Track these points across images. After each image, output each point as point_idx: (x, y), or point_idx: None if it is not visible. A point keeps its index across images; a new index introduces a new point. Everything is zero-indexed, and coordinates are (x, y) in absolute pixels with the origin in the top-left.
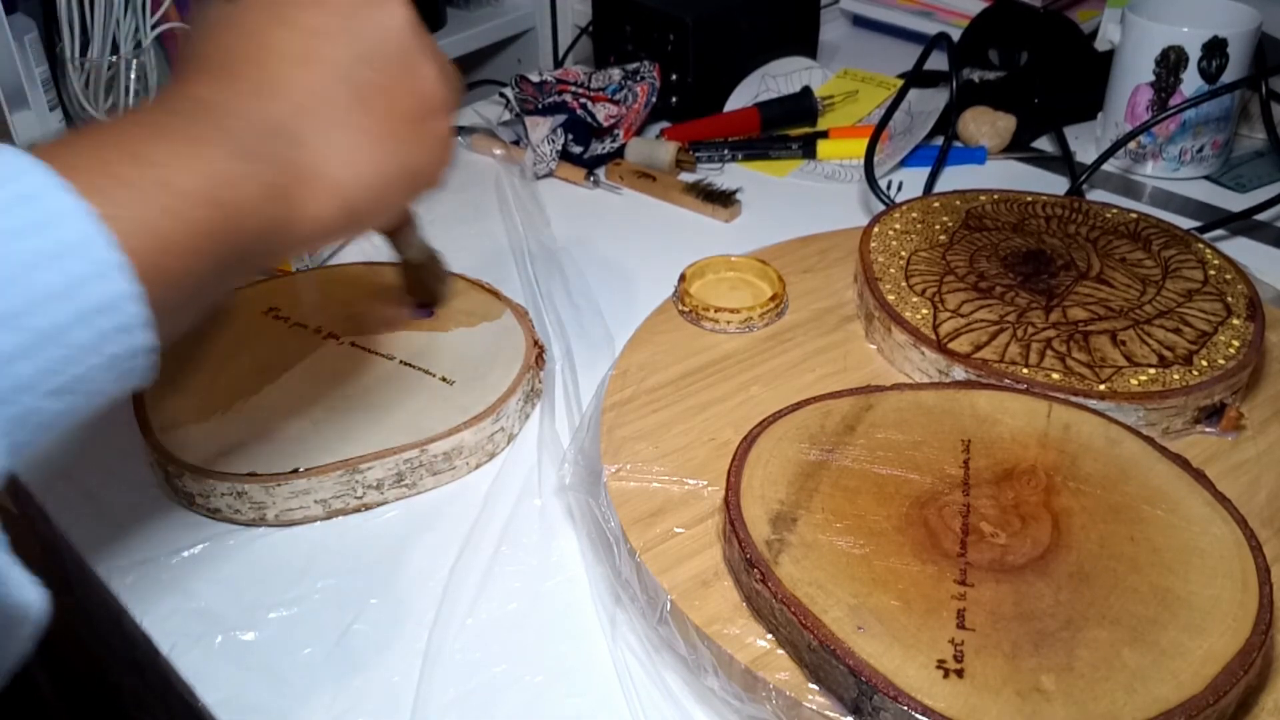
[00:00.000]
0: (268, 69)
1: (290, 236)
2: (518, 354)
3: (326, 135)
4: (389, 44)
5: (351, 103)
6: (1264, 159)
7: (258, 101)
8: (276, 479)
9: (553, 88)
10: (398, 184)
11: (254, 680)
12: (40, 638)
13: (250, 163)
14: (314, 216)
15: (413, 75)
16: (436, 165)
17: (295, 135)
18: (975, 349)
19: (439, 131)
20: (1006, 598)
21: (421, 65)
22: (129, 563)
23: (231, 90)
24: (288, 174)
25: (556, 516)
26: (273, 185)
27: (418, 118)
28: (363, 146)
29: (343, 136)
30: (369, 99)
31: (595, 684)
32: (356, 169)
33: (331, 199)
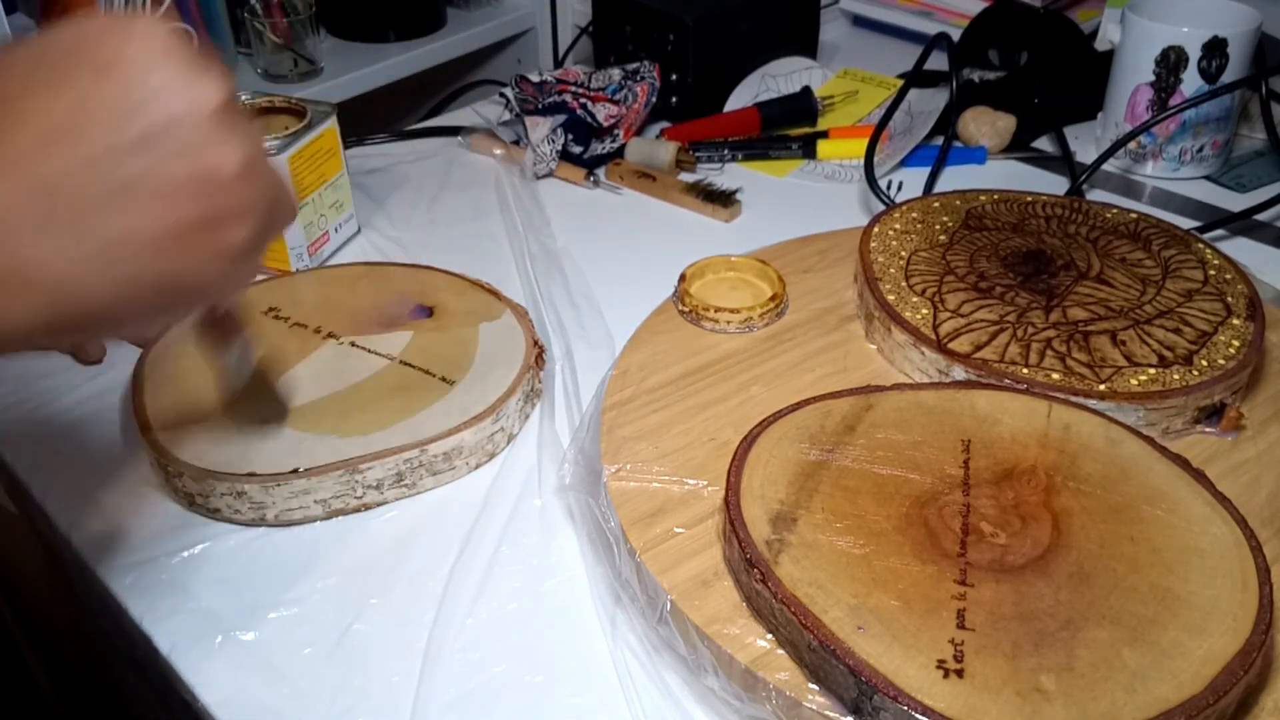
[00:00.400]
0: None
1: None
2: (518, 354)
3: (55, 232)
4: (182, 133)
5: (106, 197)
6: (1264, 159)
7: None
8: (276, 479)
9: (553, 88)
10: (145, 300)
11: (254, 680)
12: (30, 635)
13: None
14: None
15: (204, 173)
16: (215, 284)
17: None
18: (975, 349)
19: (226, 244)
20: (1006, 598)
21: (221, 162)
22: (129, 563)
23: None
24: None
25: (556, 516)
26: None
27: (200, 225)
28: (101, 251)
29: (77, 236)
30: (132, 196)
31: (595, 684)
32: (89, 277)
33: (38, 307)
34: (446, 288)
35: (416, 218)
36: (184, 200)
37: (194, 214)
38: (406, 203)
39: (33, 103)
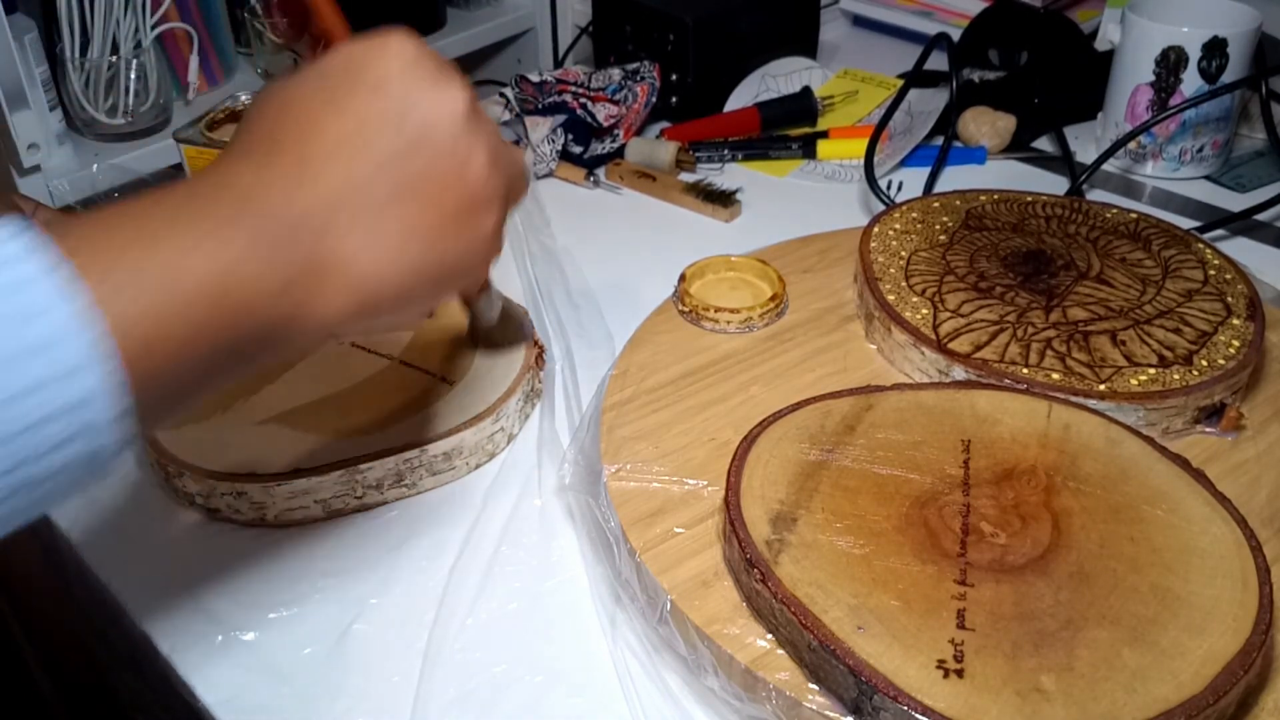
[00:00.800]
0: (308, 154)
1: (297, 333)
2: (518, 354)
3: (357, 229)
4: (442, 135)
5: (391, 196)
6: (1264, 159)
7: (290, 189)
8: (276, 479)
9: (553, 88)
10: (429, 282)
11: (254, 680)
12: (29, 635)
13: (267, 258)
14: (326, 314)
15: (463, 168)
16: (477, 262)
17: (323, 227)
18: (975, 349)
19: (484, 227)
20: (1006, 598)
21: (474, 157)
22: (128, 563)
23: (267, 174)
24: (306, 269)
25: (556, 516)
26: (287, 281)
27: (462, 213)
28: (395, 243)
29: (374, 231)
30: (411, 193)
31: (595, 684)
32: (383, 266)
33: (349, 296)
34: None
35: None
36: (450, 193)
37: (460, 202)
38: None
39: (323, 120)
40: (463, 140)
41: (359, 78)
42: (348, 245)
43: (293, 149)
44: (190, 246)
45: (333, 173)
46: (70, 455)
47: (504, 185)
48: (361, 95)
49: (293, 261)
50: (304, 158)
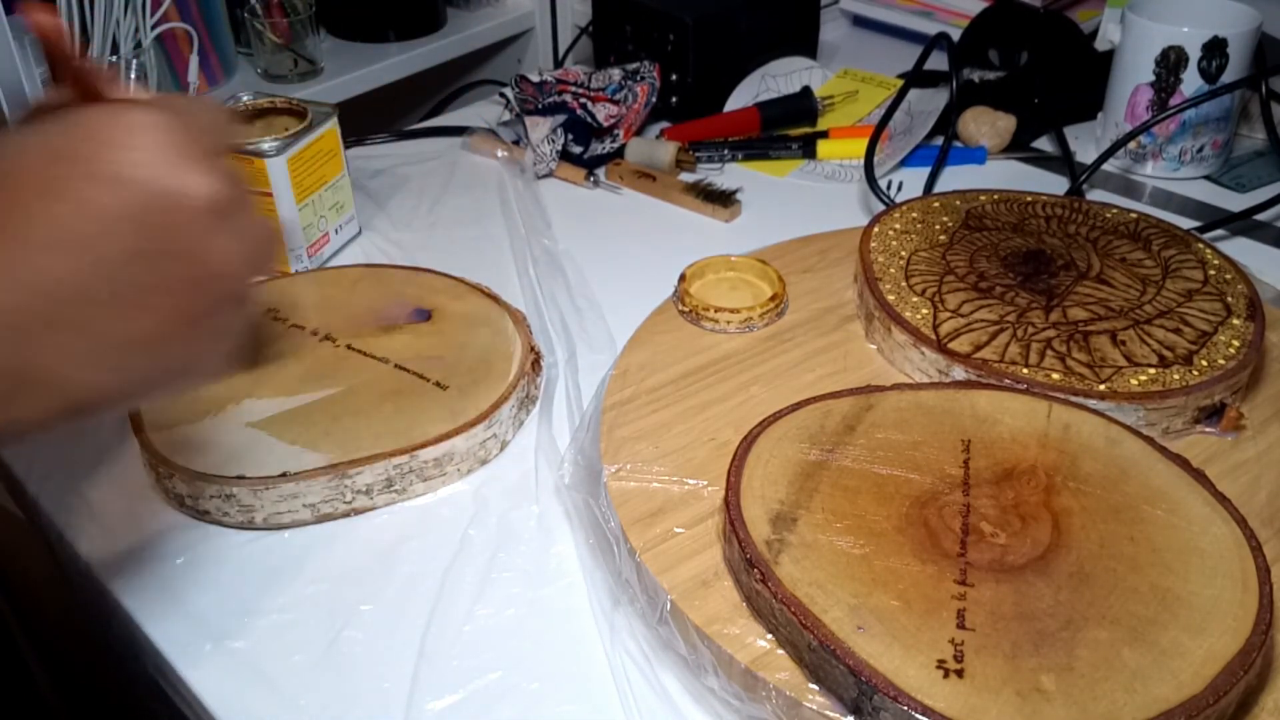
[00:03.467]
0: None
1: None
2: (513, 359)
3: (71, 337)
4: (184, 234)
5: (113, 303)
6: (1264, 159)
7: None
8: (265, 482)
9: (553, 88)
10: (156, 385)
11: (242, 687)
12: (29, 634)
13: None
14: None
15: (204, 270)
16: (209, 360)
17: (26, 332)
18: (975, 349)
19: (221, 326)
20: (1006, 598)
21: (219, 256)
22: (122, 563)
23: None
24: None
25: (554, 521)
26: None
27: (199, 316)
28: (114, 351)
29: (91, 339)
30: (139, 298)
31: (593, 690)
32: (99, 374)
33: (58, 402)
34: (445, 291)
35: (418, 220)
36: (187, 297)
37: (196, 307)
38: (408, 204)
39: (39, 205)
40: (206, 238)
41: (96, 162)
42: (54, 353)
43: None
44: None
45: (43, 274)
46: None
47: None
48: (94, 186)
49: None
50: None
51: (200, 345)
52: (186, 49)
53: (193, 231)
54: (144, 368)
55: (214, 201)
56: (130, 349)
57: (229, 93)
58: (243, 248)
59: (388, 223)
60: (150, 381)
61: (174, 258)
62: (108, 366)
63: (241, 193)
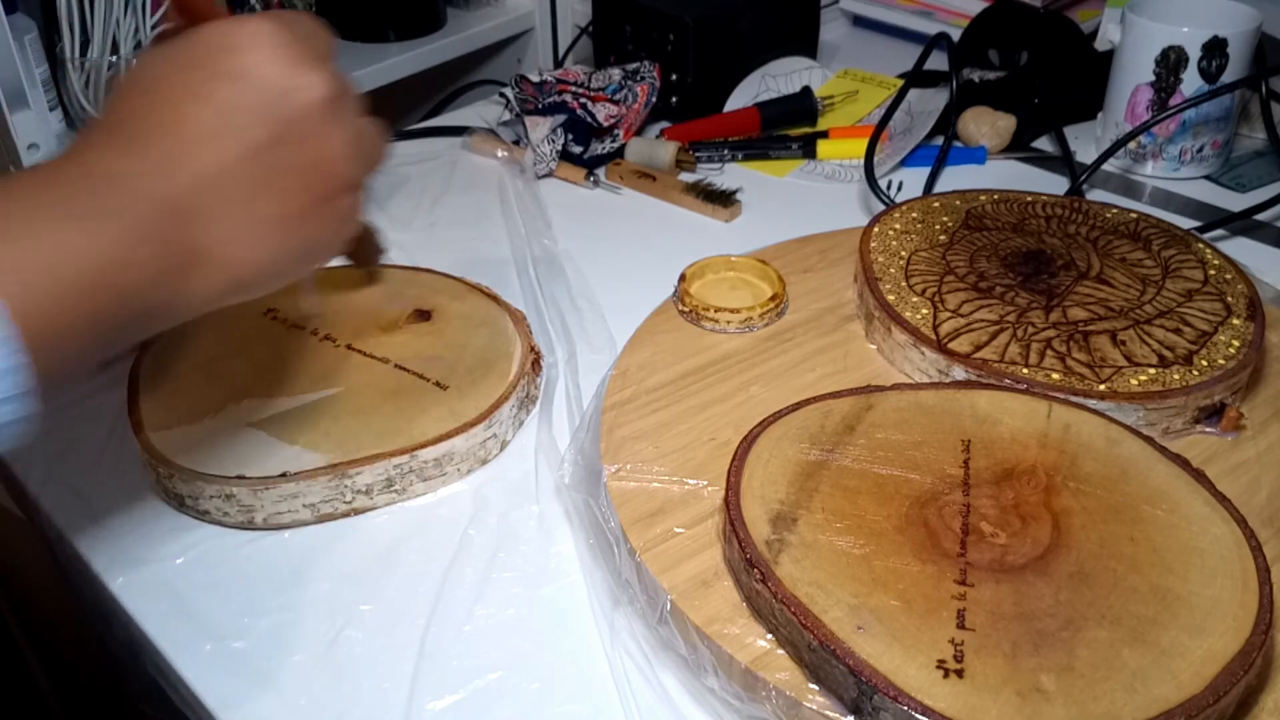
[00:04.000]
0: (174, 143)
1: (175, 311)
2: (513, 359)
3: (225, 216)
4: (303, 125)
5: (256, 184)
6: (1264, 159)
7: (159, 178)
8: (264, 482)
9: (553, 88)
10: (295, 261)
11: (242, 687)
12: (29, 634)
13: (144, 247)
14: (201, 294)
15: (324, 156)
16: (335, 239)
17: (193, 215)
18: (975, 349)
19: (343, 208)
20: (1006, 598)
21: (334, 145)
22: (122, 563)
23: (137, 162)
24: (183, 256)
25: (554, 521)
26: (166, 268)
27: (323, 198)
28: (261, 228)
29: (242, 218)
30: (273, 184)
31: (593, 690)
32: (252, 251)
33: (221, 278)
34: (445, 291)
35: (418, 220)
36: (312, 179)
37: (320, 189)
38: (409, 204)
39: (187, 108)
40: (322, 129)
41: (222, 65)
42: (217, 232)
43: (159, 137)
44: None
45: (198, 163)
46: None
47: (364, 167)
48: (224, 84)
49: (168, 249)
50: (171, 146)
51: (326, 225)
52: None
53: (310, 121)
54: (283, 244)
55: (327, 97)
56: (272, 226)
57: None
58: (356, 139)
59: (388, 222)
60: (292, 256)
61: (297, 144)
62: (257, 243)
63: (350, 93)
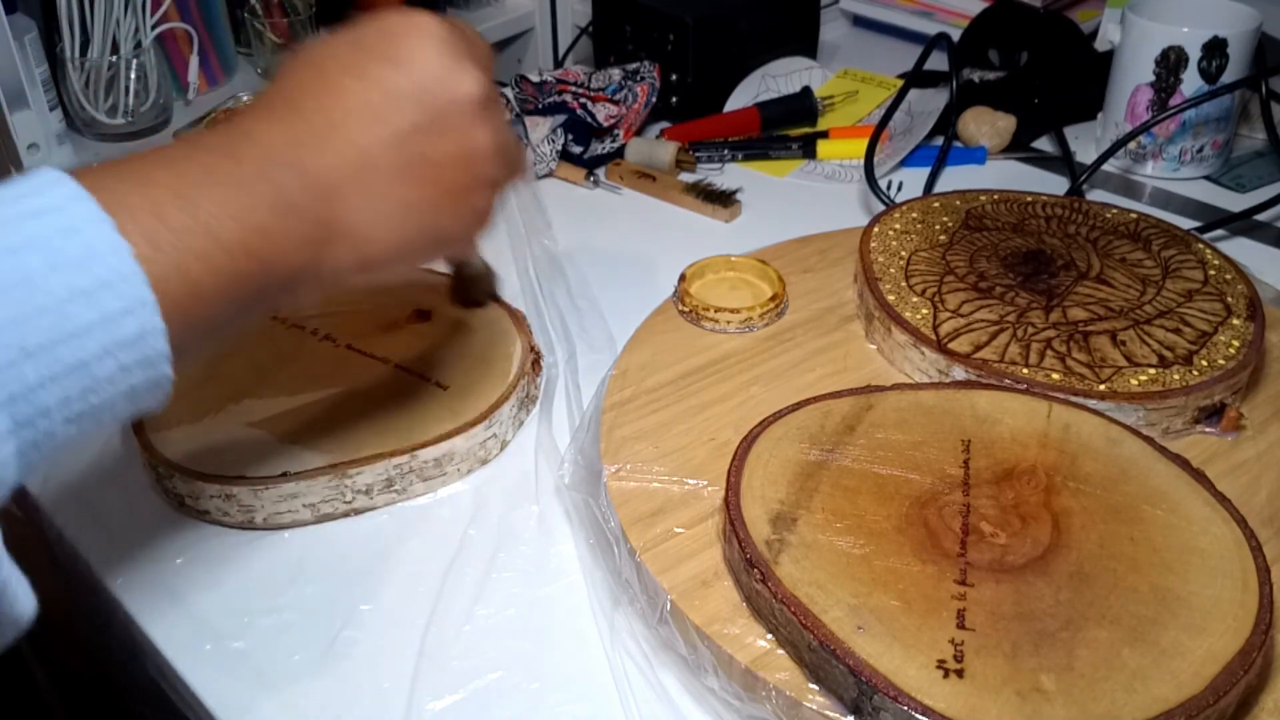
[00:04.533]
0: (331, 117)
1: (310, 283)
2: (513, 359)
3: (368, 196)
4: (454, 118)
5: (401, 168)
6: (1264, 159)
7: (310, 152)
8: (264, 482)
9: (553, 88)
10: (423, 249)
11: (244, 686)
12: (29, 634)
13: (290, 217)
14: (335, 268)
15: (468, 151)
16: (468, 235)
17: (339, 191)
18: (975, 349)
19: (478, 205)
20: (1006, 598)
21: (479, 142)
22: (121, 563)
23: (291, 134)
24: (323, 229)
25: (554, 521)
26: (307, 239)
27: (460, 191)
28: (397, 213)
29: (382, 199)
30: (418, 168)
31: (593, 691)
32: (384, 232)
33: (354, 255)
34: (445, 291)
35: None
36: (454, 171)
37: (460, 182)
38: None
39: (348, 87)
40: (471, 125)
41: (388, 51)
42: (356, 210)
43: (316, 112)
44: (219, 209)
45: (350, 140)
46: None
47: (504, 171)
48: (388, 68)
49: (310, 220)
50: (325, 122)
51: (460, 217)
52: (186, 49)
53: (461, 116)
54: (417, 230)
55: (480, 95)
56: (409, 210)
57: (229, 93)
58: (501, 142)
59: None
60: (421, 243)
61: (446, 135)
62: (392, 224)
63: (499, 103)
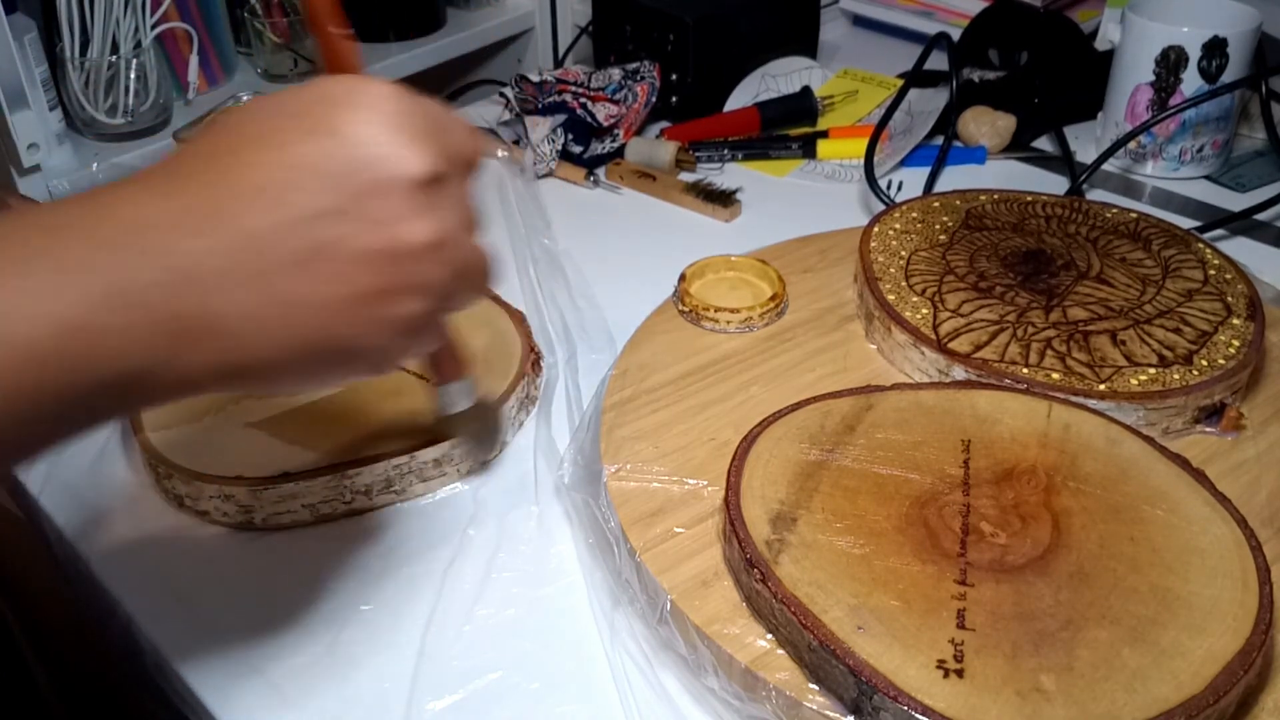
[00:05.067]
0: (227, 193)
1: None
2: (513, 360)
3: (247, 290)
4: (381, 204)
5: (297, 261)
6: (1264, 159)
7: (186, 233)
8: (264, 483)
9: (553, 88)
10: (317, 363)
11: (244, 686)
12: (29, 634)
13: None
14: (191, 374)
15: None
16: (378, 350)
17: (209, 282)
18: (975, 349)
19: (395, 315)
20: (1006, 598)
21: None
22: (122, 563)
23: (167, 212)
24: (178, 325)
25: (554, 521)
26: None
27: (374, 296)
28: (282, 314)
29: (265, 296)
30: (321, 262)
31: (593, 690)
32: (263, 336)
33: (218, 359)
34: None
35: None
36: (365, 270)
37: (371, 284)
38: None
39: (257, 155)
40: (404, 215)
41: (319, 120)
42: (230, 305)
43: (208, 187)
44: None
45: (238, 223)
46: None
47: (441, 278)
48: (311, 140)
49: (161, 315)
50: (214, 200)
51: (371, 330)
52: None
53: (391, 202)
54: (305, 338)
55: (423, 181)
56: (298, 312)
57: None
58: (445, 238)
59: None
60: (312, 355)
61: (365, 224)
62: (272, 328)
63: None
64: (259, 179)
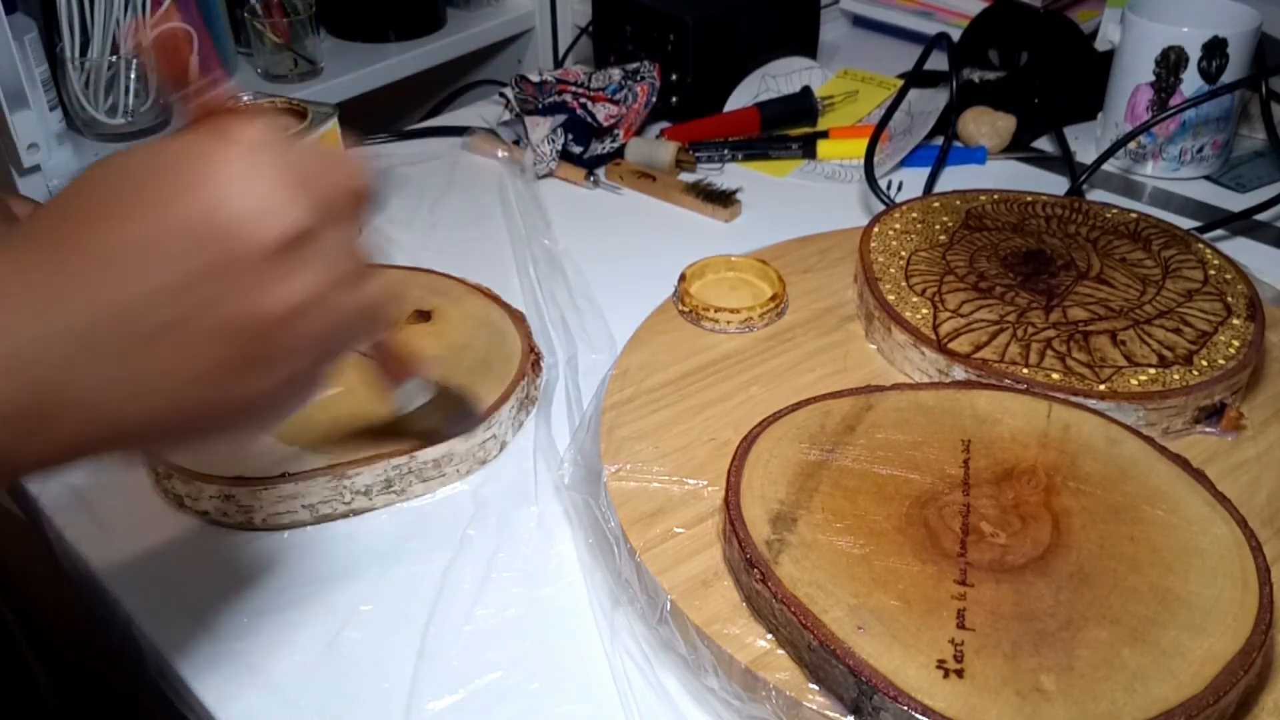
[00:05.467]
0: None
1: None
2: (513, 360)
3: (110, 363)
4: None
5: (155, 332)
6: (1264, 159)
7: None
8: (263, 483)
9: (553, 88)
10: (174, 427)
11: (244, 686)
12: (29, 634)
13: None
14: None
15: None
16: (266, 413)
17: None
18: (975, 349)
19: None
20: (1006, 598)
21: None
22: (122, 563)
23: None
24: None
25: (554, 521)
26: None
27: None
28: (148, 384)
29: (131, 367)
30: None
31: (593, 690)
32: (131, 408)
33: (82, 432)
34: (445, 291)
35: (418, 220)
36: (223, 343)
37: (233, 355)
38: (408, 205)
39: (114, 222)
40: (261, 282)
41: (180, 176)
42: (89, 380)
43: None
44: None
45: (100, 293)
46: None
47: (321, 332)
48: (173, 198)
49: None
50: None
51: (232, 395)
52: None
53: (246, 273)
54: (167, 406)
55: (283, 242)
56: (159, 384)
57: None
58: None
59: (388, 223)
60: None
61: (233, 291)
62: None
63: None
64: (114, 247)
